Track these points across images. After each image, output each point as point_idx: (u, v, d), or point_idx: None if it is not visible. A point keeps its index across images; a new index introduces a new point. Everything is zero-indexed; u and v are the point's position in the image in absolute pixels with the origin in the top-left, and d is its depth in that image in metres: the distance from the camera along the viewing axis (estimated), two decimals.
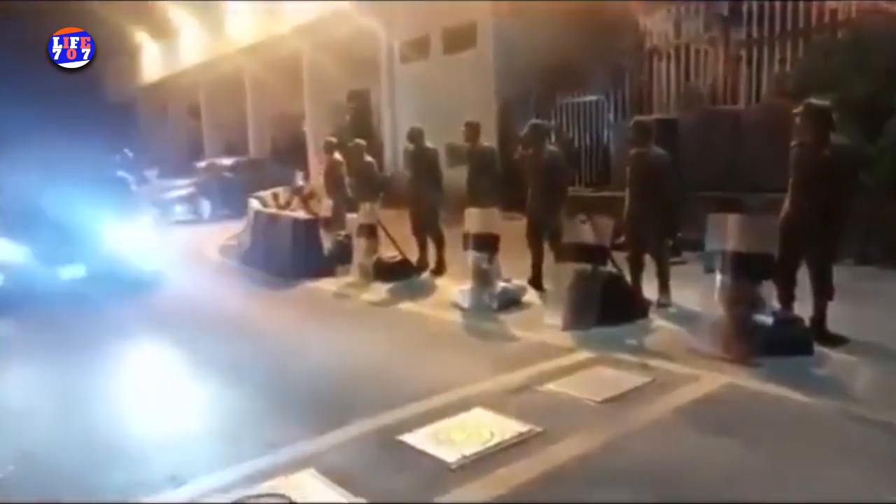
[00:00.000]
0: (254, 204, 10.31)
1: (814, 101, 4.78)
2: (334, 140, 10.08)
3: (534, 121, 6.95)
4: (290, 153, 19.65)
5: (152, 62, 26.51)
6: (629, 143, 6.16)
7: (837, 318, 4.67)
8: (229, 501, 2.97)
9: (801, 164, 4.70)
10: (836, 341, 4.57)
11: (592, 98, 11.82)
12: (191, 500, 3.03)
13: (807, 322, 4.65)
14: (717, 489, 2.92)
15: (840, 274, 4.72)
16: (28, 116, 16.73)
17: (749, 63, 9.86)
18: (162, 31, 24.19)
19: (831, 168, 4.54)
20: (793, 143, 4.77)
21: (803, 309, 4.72)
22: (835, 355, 4.42)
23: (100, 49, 6.40)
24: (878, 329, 4.78)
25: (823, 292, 4.64)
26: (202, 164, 18.75)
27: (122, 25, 23.14)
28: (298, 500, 2.95)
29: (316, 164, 16.44)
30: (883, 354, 4.39)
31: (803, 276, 4.72)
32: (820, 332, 4.62)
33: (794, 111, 4.76)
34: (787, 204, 4.76)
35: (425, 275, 7.80)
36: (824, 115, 4.68)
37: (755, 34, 9.80)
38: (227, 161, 18.10)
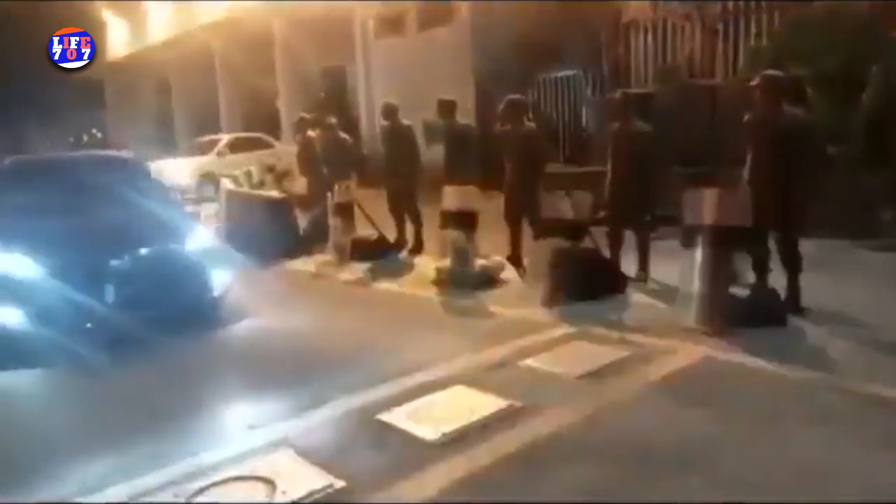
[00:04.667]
0: (225, 184, 10.09)
1: (769, 72, 4.80)
2: (308, 117, 9.90)
3: (511, 96, 6.86)
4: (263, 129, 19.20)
5: (119, 38, 25.68)
6: (610, 118, 6.13)
7: (813, 290, 4.74)
8: (208, 483, 2.92)
9: (755, 135, 4.73)
10: (808, 313, 4.63)
11: (570, 73, 11.76)
12: (167, 482, 2.97)
13: (781, 294, 4.71)
14: (693, 460, 2.93)
15: (814, 247, 4.76)
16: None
17: (725, 37, 9.87)
18: (127, 7, 23.43)
19: (785, 138, 4.56)
20: (746, 116, 4.79)
21: (777, 282, 4.77)
22: (810, 327, 4.49)
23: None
24: (852, 301, 4.85)
25: (789, 264, 4.69)
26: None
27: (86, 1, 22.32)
28: (277, 481, 2.90)
29: (290, 142, 16.14)
30: (856, 326, 4.45)
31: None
32: (794, 305, 4.68)
33: (750, 84, 4.78)
34: (745, 176, 4.79)
35: (403, 253, 7.74)
36: (779, 85, 4.70)
37: (731, 8, 9.79)
38: None
